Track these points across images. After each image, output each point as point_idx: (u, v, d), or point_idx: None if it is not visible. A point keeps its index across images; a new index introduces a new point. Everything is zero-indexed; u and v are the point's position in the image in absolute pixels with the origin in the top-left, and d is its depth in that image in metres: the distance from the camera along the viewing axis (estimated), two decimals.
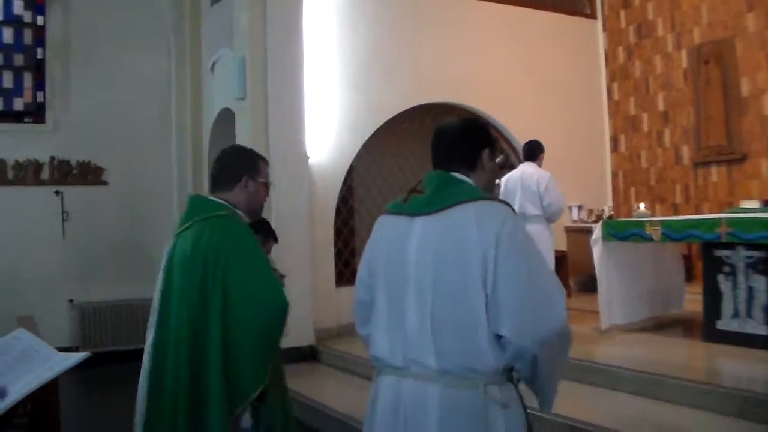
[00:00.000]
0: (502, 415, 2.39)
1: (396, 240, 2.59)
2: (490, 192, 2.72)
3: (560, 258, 10.30)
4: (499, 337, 2.37)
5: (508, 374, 2.47)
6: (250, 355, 3.11)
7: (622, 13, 11.83)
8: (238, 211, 3.39)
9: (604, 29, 12.12)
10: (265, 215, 8.66)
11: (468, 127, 2.74)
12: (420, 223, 2.54)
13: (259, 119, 8.50)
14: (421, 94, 10.01)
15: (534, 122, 10.89)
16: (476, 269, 2.38)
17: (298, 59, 8.72)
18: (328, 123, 9.26)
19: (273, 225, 8.29)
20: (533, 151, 8.22)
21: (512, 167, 11.01)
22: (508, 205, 2.54)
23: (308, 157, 8.77)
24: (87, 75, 10.37)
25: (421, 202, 2.57)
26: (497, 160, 2.71)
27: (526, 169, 8.14)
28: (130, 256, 10.34)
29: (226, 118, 9.59)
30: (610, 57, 12.06)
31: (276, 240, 5.02)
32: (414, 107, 10.02)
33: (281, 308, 3.16)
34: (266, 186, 3.50)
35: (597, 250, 7.55)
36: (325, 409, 6.55)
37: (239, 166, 3.41)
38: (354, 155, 9.51)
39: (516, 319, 2.34)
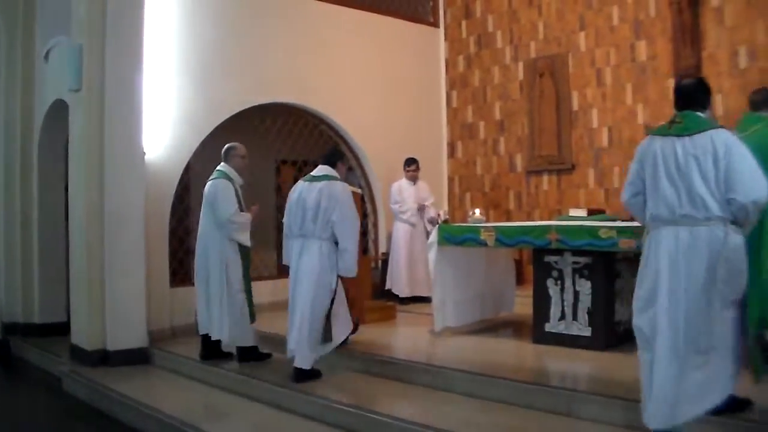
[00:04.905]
0: (732, 236, 4.22)
1: (667, 150, 4.37)
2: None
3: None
4: (729, 199, 4.18)
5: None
6: None
7: (464, 24, 12.14)
8: None
9: (446, 38, 12.40)
10: (96, 212, 8.37)
11: (700, 83, 4.67)
12: (683, 140, 4.33)
13: (94, 112, 8.12)
14: (264, 93, 9.92)
15: (375, 126, 11.04)
16: (716, 163, 4.20)
17: (137, 51, 8.38)
18: (165, 118, 8.99)
19: (105, 221, 8.03)
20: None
21: (351, 169, 11.14)
22: (725, 129, 4.36)
23: (144, 153, 8.50)
24: None
25: (682, 129, 4.37)
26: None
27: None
28: None
29: (60, 109, 9.16)
30: (450, 65, 12.35)
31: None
32: (256, 106, 9.92)
33: None
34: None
35: (432, 254, 7.70)
36: (157, 413, 6.34)
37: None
38: (192, 153, 9.27)
39: (742, 188, 4.13)
